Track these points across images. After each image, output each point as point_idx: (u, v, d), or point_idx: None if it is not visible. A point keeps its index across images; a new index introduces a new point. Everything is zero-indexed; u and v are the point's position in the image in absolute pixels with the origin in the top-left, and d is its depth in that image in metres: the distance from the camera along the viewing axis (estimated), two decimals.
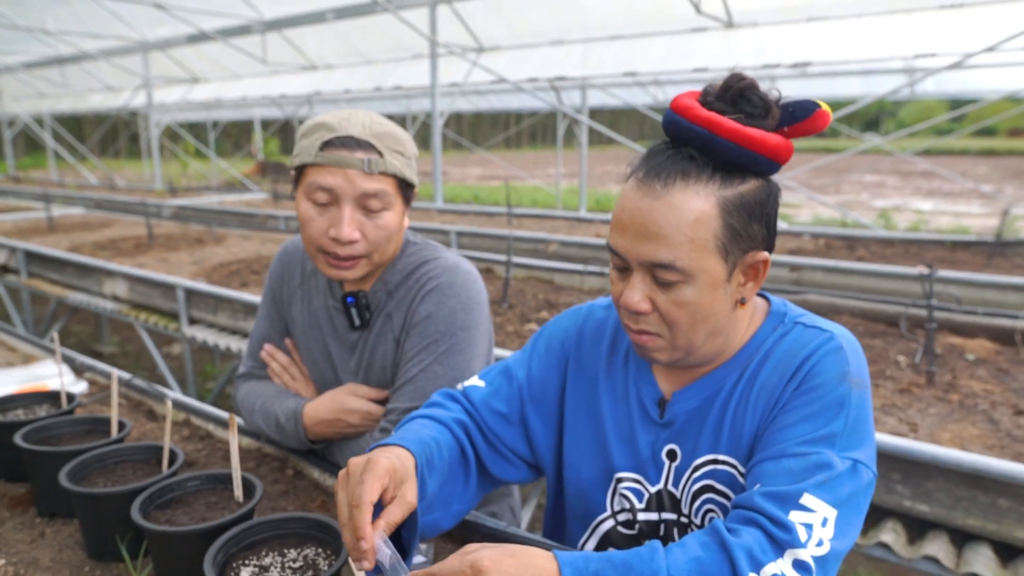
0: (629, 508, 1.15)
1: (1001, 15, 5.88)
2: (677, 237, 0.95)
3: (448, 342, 1.41)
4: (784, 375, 1.02)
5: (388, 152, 1.37)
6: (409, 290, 1.47)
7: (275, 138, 26.35)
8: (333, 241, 1.36)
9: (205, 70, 12.33)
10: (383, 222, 1.38)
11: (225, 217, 7.85)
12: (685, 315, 0.99)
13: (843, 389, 0.98)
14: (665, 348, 1.04)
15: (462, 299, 1.43)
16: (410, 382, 1.41)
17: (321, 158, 1.34)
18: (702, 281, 0.98)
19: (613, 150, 47.81)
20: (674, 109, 0.98)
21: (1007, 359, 2.68)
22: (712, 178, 0.96)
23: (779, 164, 0.98)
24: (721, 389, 1.08)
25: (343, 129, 1.34)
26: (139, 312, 4.18)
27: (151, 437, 1.69)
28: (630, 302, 1.00)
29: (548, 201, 15.06)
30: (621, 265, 1.03)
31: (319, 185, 1.34)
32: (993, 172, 23.35)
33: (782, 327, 1.07)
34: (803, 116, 0.97)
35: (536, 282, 4.08)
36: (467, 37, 8.16)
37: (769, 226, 1.01)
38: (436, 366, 1.40)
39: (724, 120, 0.94)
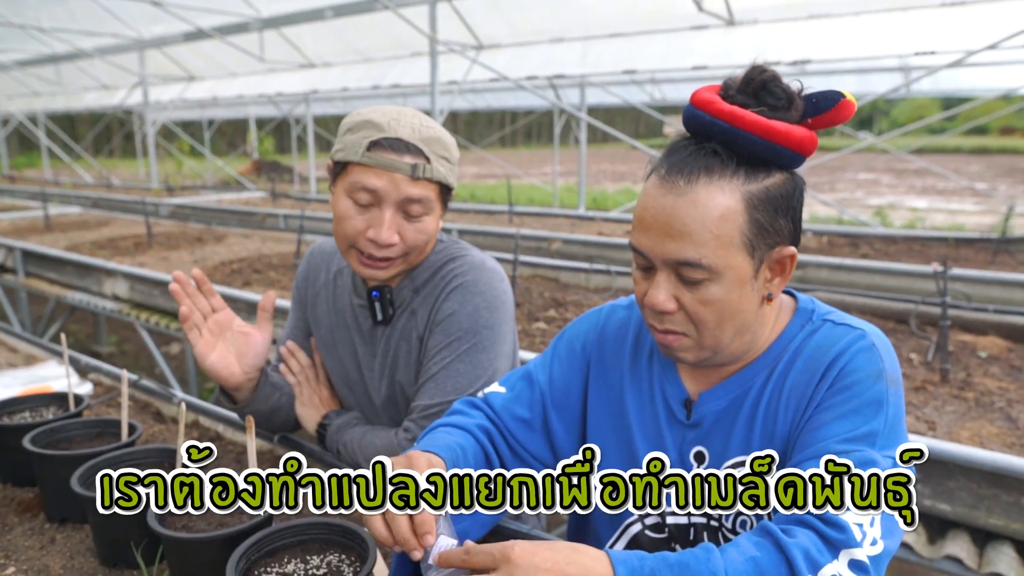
0: (658, 512, 1.12)
1: (1001, 13, 5.86)
2: (702, 234, 0.93)
3: (472, 340, 1.38)
4: (815, 373, 0.99)
5: (435, 158, 1.34)
6: (434, 287, 1.44)
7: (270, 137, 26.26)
8: (370, 242, 1.34)
9: (201, 68, 12.25)
10: (422, 227, 1.36)
11: (224, 216, 7.80)
12: (712, 313, 0.97)
13: (880, 387, 0.95)
14: (692, 347, 1.01)
15: (487, 297, 1.41)
16: (432, 379, 1.39)
17: (367, 159, 1.30)
18: (728, 278, 0.95)
19: (609, 148, 47.78)
20: (695, 104, 0.95)
21: (1019, 356, 2.66)
22: (736, 173, 0.94)
23: (804, 157, 0.96)
24: (750, 389, 1.05)
25: (392, 130, 1.31)
26: (140, 312, 4.14)
27: (160, 439, 1.66)
28: (655, 302, 0.98)
29: (545, 199, 15.03)
30: (645, 264, 1.00)
31: (363, 185, 1.31)
32: (986, 170, 23.42)
33: (811, 324, 1.05)
34: (827, 107, 0.95)
35: (542, 280, 4.05)
36: (466, 35, 8.12)
37: (795, 220, 0.99)
38: (458, 364, 1.38)
39: (747, 113, 0.92)
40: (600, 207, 13.42)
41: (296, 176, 17.45)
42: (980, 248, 4.78)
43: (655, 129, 53.75)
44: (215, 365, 1.44)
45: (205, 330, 1.45)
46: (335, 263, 1.59)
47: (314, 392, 1.61)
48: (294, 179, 17.65)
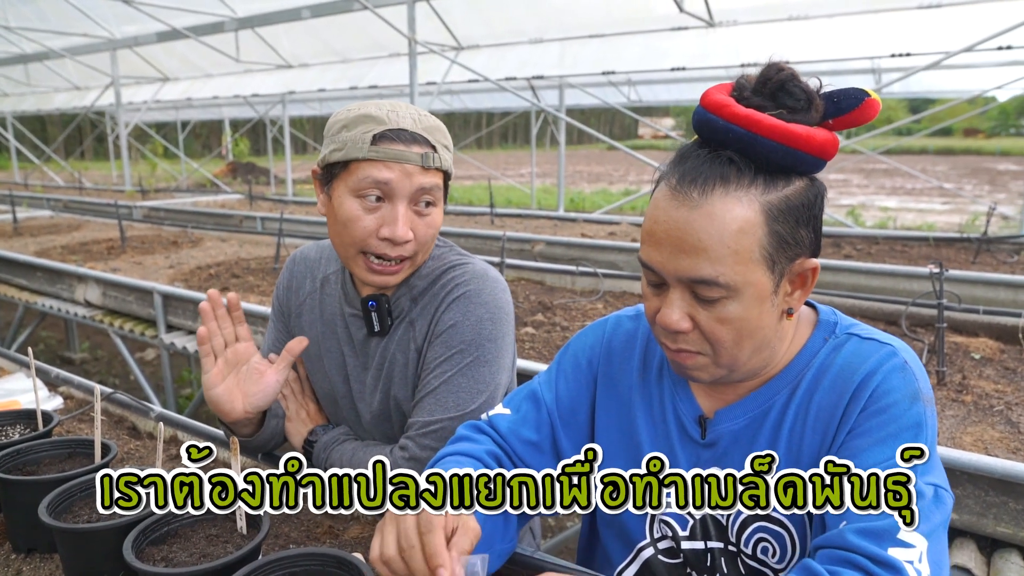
0: (672, 536, 1.06)
1: (976, 15, 5.91)
2: (719, 250, 0.86)
3: (474, 353, 1.31)
4: (844, 394, 0.93)
5: (439, 146, 1.29)
6: (434, 297, 1.37)
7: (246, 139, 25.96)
8: (384, 242, 1.27)
9: (175, 69, 12.05)
10: (432, 219, 1.31)
11: (200, 218, 7.64)
12: (730, 332, 0.90)
13: (917, 409, 0.89)
14: (707, 366, 0.95)
15: (490, 308, 1.34)
16: (431, 394, 1.32)
17: (375, 153, 1.23)
18: (747, 295, 0.88)
19: (584, 149, 47.94)
20: (707, 107, 0.88)
21: (1012, 358, 2.65)
22: (754, 182, 0.87)
23: (825, 161, 0.89)
24: (771, 408, 0.99)
25: (394, 122, 1.25)
26: (113, 318, 4.01)
27: (136, 458, 1.56)
28: (669, 321, 0.91)
29: (523, 200, 14.99)
30: (656, 280, 0.93)
31: (375, 180, 1.24)
32: (951, 170, 23.84)
33: (834, 339, 0.98)
34: (850, 107, 0.88)
35: (527, 283, 3.98)
36: (445, 35, 8.04)
37: (816, 230, 0.92)
38: (460, 378, 1.30)
39: (765, 118, 0.85)
40: (578, 208, 13.41)
41: (272, 178, 17.23)
42: (961, 248, 4.80)
43: (630, 131, 54.13)
44: (219, 397, 1.33)
45: (221, 359, 1.33)
46: (320, 271, 1.52)
47: (301, 406, 1.53)
48: (270, 181, 17.43)
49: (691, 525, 1.04)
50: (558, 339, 2.94)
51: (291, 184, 13.20)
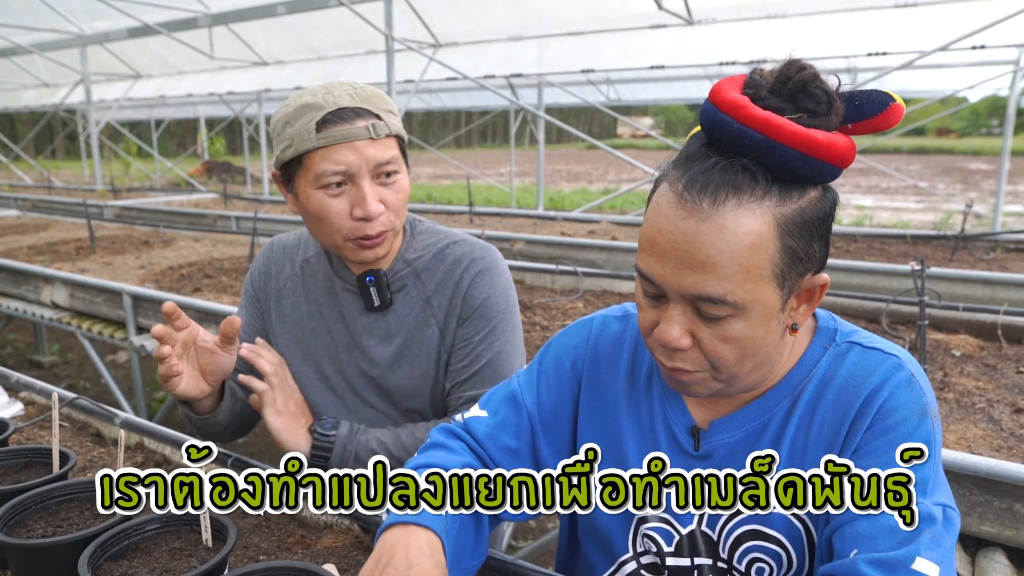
0: (656, 551, 1.01)
1: (952, 15, 5.97)
2: (729, 267, 0.79)
3: (510, 321, 1.40)
4: (849, 409, 0.88)
5: (384, 113, 1.29)
6: (449, 273, 1.39)
7: (221, 137, 25.66)
8: (361, 222, 1.29)
9: (148, 66, 11.84)
10: (399, 186, 1.32)
11: (173, 218, 7.50)
12: (732, 351, 0.85)
13: (926, 427, 0.85)
14: (704, 382, 0.90)
15: (506, 278, 1.43)
16: (487, 366, 1.36)
17: (322, 140, 1.24)
18: (755, 314, 0.83)
19: (563, 149, 48.04)
20: (719, 105, 0.80)
21: (992, 355, 2.65)
22: (768, 192, 0.80)
23: (842, 169, 0.82)
24: (770, 421, 0.94)
25: (332, 103, 1.25)
26: (82, 320, 3.91)
27: (99, 466, 1.50)
28: (668, 339, 0.85)
29: (502, 199, 14.95)
30: (655, 293, 0.87)
31: (331, 169, 1.25)
32: (925, 169, 24.17)
33: (835, 347, 0.93)
34: (873, 112, 0.81)
35: None
36: (423, 32, 7.97)
37: (828, 243, 0.87)
38: (507, 346, 1.39)
39: (785, 123, 0.77)
40: (557, 207, 13.39)
41: (248, 177, 17.02)
42: (938, 245, 4.82)
43: (609, 130, 54.32)
44: (187, 391, 1.32)
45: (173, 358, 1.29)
46: (300, 254, 1.51)
47: (289, 398, 1.46)
48: (246, 180, 17.21)
49: (677, 541, 0.99)
50: (538, 339, 2.90)
51: (267, 183, 13.05)
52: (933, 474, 0.84)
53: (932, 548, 0.79)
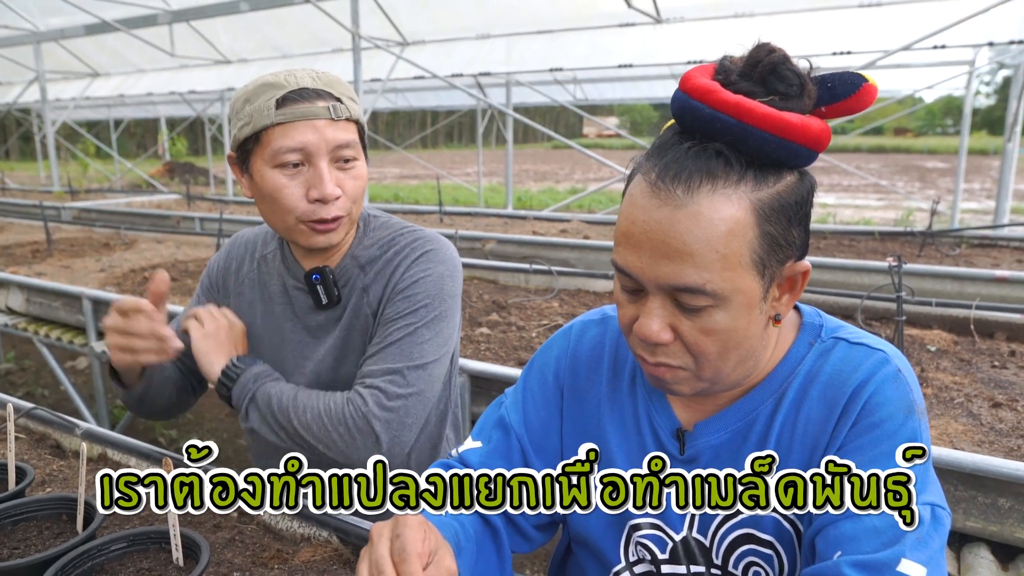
0: (650, 559, 0.98)
1: (915, 14, 6.06)
2: (707, 255, 0.77)
3: (438, 308, 1.32)
4: (835, 405, 0.86)
5: (345, 98, 1.28)
6: (389, 262, 1.35)
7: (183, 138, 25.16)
8: (316, 204, 1.25)
9: (106, 64, 11.54)
10: (357, 172, 1.30)
11: (134, 219, 7.30)
12: (715, 343, 0.82)
13: (912, 423, 0.83)
14: (687, 380, 0.87)
15: (448, 267, 1.36)
16: (396, 344, 1.28)
17: (281, 116, 1.22)
18: (735, 303, 0.80)
19: (530, 148, 48.15)
20: (689, 92, 0.78)
21: (966, 349, 2.67)
22: (743, 177, 0.78)
23: (818, 153, 0.81)
24: (755, 420, 0.91)
25: (293, 83, 1.23)
26: (39, 326, 3.76)
27: (59, 480, 1.41)
28: (648, 332, 0.82)
29: (469, 199, 14.89)
30: (632, 287, 0.84)
31: (288, 147, 1.22)
32: (884, 168, 24.69)
33: (820, 343, 0.91)
34: (846, 93, 0.80)
35: (479, 282, 3.89)
36: (390, 30, 7.88)
37: (807, 228, 0.85)
38: (424, 330, 1.29)
39: (756, 105, 0.76)
40: (525, 206, 13.37)
41: (212, 178, 16.71)
42: (905, 241, 4.89)
43: (574, 130, 54.58)
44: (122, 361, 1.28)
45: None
46: (259, 250, 1.48)
47: (220, 328, 1.38)
48: (210, 181, 16.90)
49: (671, 548, 0.96)
50: (514, 339, 2.86)
51: (231, 184, 12.81)
52: (921, 473, 0.82)
53: (918, 549, 0.77)
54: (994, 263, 4.17)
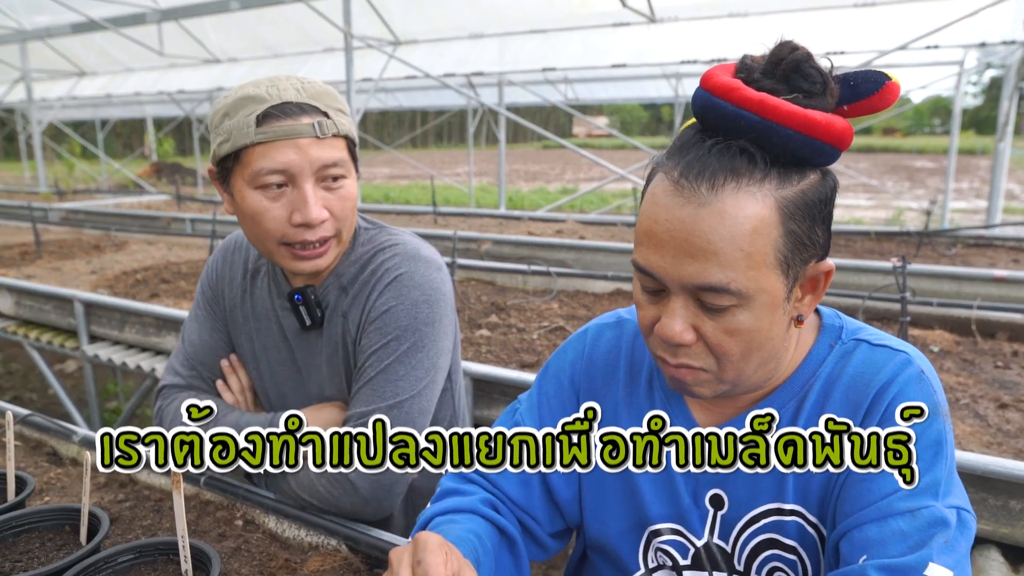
0: (672, 565, 0.96)
1: (909, 14, 6.08)
2: (731, 253, 0.76)
3: (411, 339, 1.23)
4: (857, 408, 0.85)
5: (332, 112, 1.19)
6: (364, 284, 1.27)
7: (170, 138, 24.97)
8: (300, 228, 1.17)
9: (93, 63, 11.41)
10: (346, 192, 1.21)
11: (124, 221, 7.21)
12: (738, 344, 0.81)
13: (937, 425, 0.82)
14: (709, 382, 0.85)
15: (425, 290, 1.25)
16: (368, 384, 1.22)
17: (261, 135, 1.13)
18: (759, 303, 0.79)
19: (520, 148, 48.12)
20: (712, 90, 0.78)
21: (968, 349, 2.66)
22: (768, 175, 0.77)
23: (841, 151, 0.80)
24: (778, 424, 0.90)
25: (275, 97, 1.14)
26: (29, 329, 3.70)
27: (58, 488, 1.37)
28: (670, 333, 0.81)
29: (460, 199, 14.84)
30: (654, 287, 0.83)
31: (270, 168, 1.14)
32: (872, 167, 24.80)
33: (840, 345, 0.90)
34: (869, 91, 0.79)
35: (477, 284, 3.85)
36: (382, 29, 7.83)
37: (830, 228, 0.84)
38: (397, 366, 1.21)
39: (781, 103, 0.75)
40: (517, 206, 13.33)
41: (200, 179, 16.57)
42: (901, 241, 4.90)
43: (564, 130, 54.59)
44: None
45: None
46: (251, 262, 1.41)
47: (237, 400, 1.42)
48: (197, 182, 16.76)
49: (693, 553, 0.95)
50: (515, 341, 2.83)
51: None
52: (946, 475, 0.81)
53: (945, 553, 0.75)
54: (990, 263, 4.18)
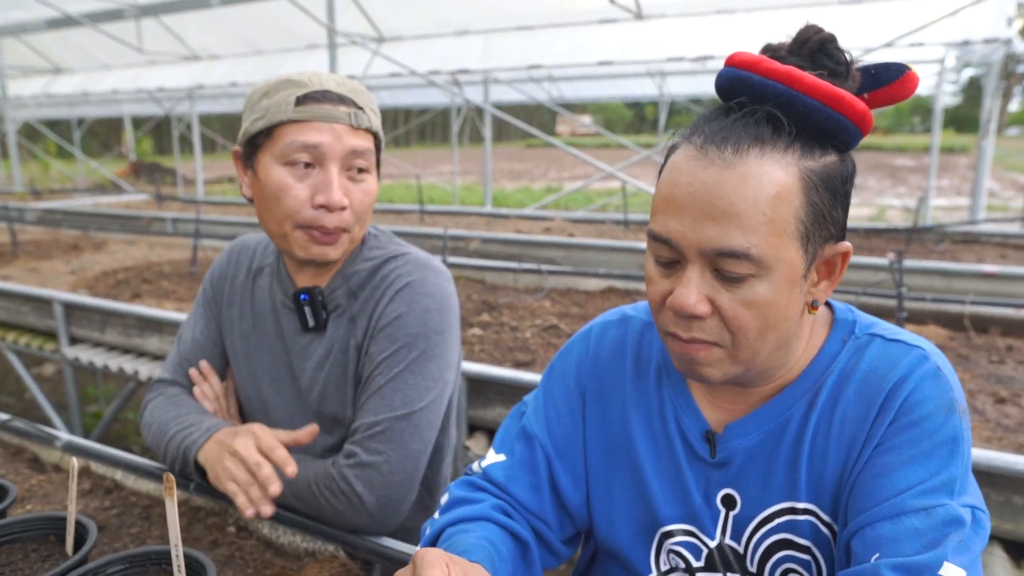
0: (685, 567, 0.94)
1: (895, 11, 6.10)
2: (754, 216, 0.75)
3: (421, 347, 1.22)
4: (872, 403, 0.82)
5: (367, 108, 1.22)
6: (375, 289, 1.26)
7: (149, 137, 24.70)
8: (320, 209, 1.17)
9: (70, 60, 11.21)
10: (368, 187, 1.23)
11: (103, 220, 7.09)
12: (755, 319, 0.78)
13: (953, 422, 0.80)
14: (721, 361, 0.82)
15: (436, 299, 1.26)
16: (377, 393, 1.20)
17: (300, 113, 1.15)
18: (778, 275, 0.77)
19: (503, 147, 48.05)
20: (738, 64, 0.79)
21: (962, 345, 2.66)
22: (791, 145, 0.77)
23: (862, 135, 0.79)
24: (788, 421, 0.87)
25: (317, 84, 1.18)
26: (6, 332, 3.61)
27: (40, 495, 1.31)
28: (684, 303, 0.78)
29: (445, 198, 14.78)
30: (668, 258, 0.81)
31: (303, 144, 1.15)
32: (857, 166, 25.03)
33: (854, 340, 0.87)
34: (888, 80, 0.80)
35: (467, 282, 3.81)
36: (366, 26, 7.75)
37: (847, 211, 0.83)
38: (407, 375, 1.20)
39: (807, 75, 0.76)
40: (502, 205, 13.30)
41: (180, 178, 16.38)
42: (889, 238, 4.91)
43: (548, 128, 54.57)
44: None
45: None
46: (256, 261, 1.40)
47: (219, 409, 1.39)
48: (177, 182, 16.56)
49: (706, 555, 0.92)
50: (508, 340, 2.79)
51: (202, 184, 12.57)
52: (962, 474, 0.79)
53: (960, 553, 0.74)
54: (978, 258, 4.20)
